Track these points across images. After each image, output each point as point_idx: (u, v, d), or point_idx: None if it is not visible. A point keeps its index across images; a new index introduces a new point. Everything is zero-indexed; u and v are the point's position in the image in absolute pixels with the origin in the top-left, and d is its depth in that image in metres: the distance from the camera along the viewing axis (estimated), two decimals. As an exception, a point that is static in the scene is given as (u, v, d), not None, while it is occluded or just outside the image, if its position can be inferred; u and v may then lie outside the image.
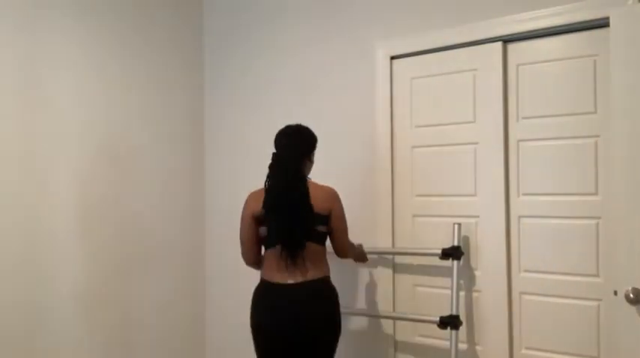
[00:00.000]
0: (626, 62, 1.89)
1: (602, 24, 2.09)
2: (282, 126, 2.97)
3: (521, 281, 2.33)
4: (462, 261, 2.36)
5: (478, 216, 2.42)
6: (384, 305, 2.62)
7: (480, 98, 2.42)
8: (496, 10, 2.34)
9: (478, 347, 2.42)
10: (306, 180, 2.16)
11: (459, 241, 2.34)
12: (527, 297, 2.31)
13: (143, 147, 2.95)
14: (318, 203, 2.11)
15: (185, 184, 3.19)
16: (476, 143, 2.43)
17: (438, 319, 2.31)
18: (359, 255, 2.48)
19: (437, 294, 2.50)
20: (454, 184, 2.49)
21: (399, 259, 2.62)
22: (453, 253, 2.34)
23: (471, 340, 2.44)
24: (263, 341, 2.15)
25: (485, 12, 2.37)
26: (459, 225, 2.36)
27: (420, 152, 2.59)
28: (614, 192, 1.99)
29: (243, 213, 2.24)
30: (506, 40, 2.35)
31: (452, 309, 2.30)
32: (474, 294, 2.43)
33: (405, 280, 2.59)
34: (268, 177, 2.16)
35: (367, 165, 2.69)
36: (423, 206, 2.57)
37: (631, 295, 1.84)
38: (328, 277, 2.21)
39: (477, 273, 2.42)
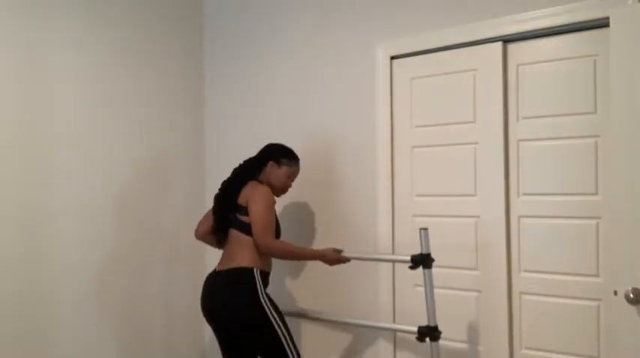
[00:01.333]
0: (626, 62, 1.89)
1: (602, 24, 2.09)
2: (282, 125, 3.00)
3: (521, 281, 2.33)
4: (432, 269, 2.21)
5: (478, 216, 2.42)
6: (384, 305, 2.62)
7: (480, 98, 2.42)
8: (496, 10, 2.34)
9: (478, 347, 2.42)
10: (240, 177, 2.39)
11: (427, 248, 2.20)
12: (527, 297, 2.31)
13: (143, 147, 2.95)
14: (242, 196, 2.31)
15: (185, 181, 3.19)
16: (476, 143, 2.43)
17: (416, 329, 2.21)
18: (330, 260, 2.36)
19: (438, 294, 2.50)
20: (454, 184, 2.49)
21: (399, 259, 2.62)
22: (422, 261, 2.19)
23: (471, 340, 2.44)
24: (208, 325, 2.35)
25: (486, 12, 2.37)
26: (426, 230, 2.21)
27: (420, 152, 2.59)
28: (614, 192, 1.98)
29: None
30: (506, 40, 2.35)
31: (429, 320, 2.20)
32: (474, 294, 2.43)
33: (405, 280, 2.59)
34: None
35: (367, 165, 2.69)
36: (423, 206, 2.57)
37: (631, 295, 1.84)
38: (246, 268, 2.22)
39: (477, 273, 2.42)
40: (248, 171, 2.41)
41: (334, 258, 2.35)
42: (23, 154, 2.43)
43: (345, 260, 2.37)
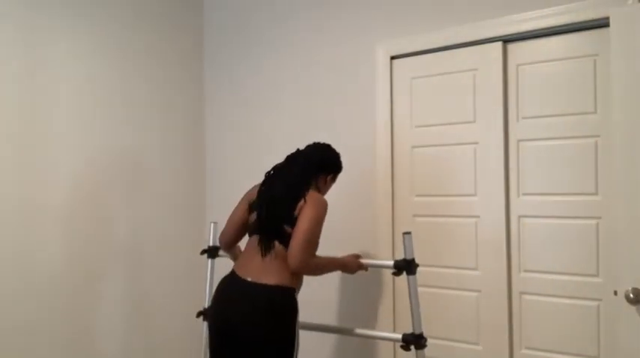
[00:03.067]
0: (626, 62, 1.89)
1: (602, 24, 2.09)
2: (282, 125, 3.00)
3: (521, 281, 2.33)
4: (416, 275, 2.08)
5: (478, 216, 2.42)
6: (385, 306, 2.62)
7: (480, 98, 2.42)
8: (496, 10, 2.34)
9: (478, 347, 2.42)
10: (303, 185, 2.04)
11: (411, 253, 2.06)
12: (527, 297, 2.31)
13: (144, 146, 2.95)
14: (300, 207, 1.97)
15: (186, 183, 3.19)
16: (476, 143, 2.43)
17: (400, 337, 2.07)
18: (352, 268, 2.17)
19: (438, 294, 2.50)
20: (454, 184, 2.49)
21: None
22: (406, 267, 2.05)
23: (471, 340, 2.43)
24: (208, 330, 2.09)
25: (486, 12, 2.37)
26: (409, 234, 2.08)
27: (420, 152, 2.59)
28: (614, 192, 1.98)
29: (244, 195, 2.19)
30: (506, 40, 2.35)
31: (414, 327, 2.06)
32: (474, 294, 2.43)
33: (405, 283, 2.58)
34: (272, 169, 2.14)
35: (367, 165, 2.69)
36: (423, 206, 2.57)
37: (631, 295, 1.84)
38: (287, 288, 1.95)
39: (477, 273, 2.42)
40: (309, 178, 2.07)
41: (355, 265, 2.15)
42: (20, 155, 2.43)
43: (365, 268, 2.18)
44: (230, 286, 2.02)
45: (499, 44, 2.36)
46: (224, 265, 2.30)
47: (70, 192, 2.60)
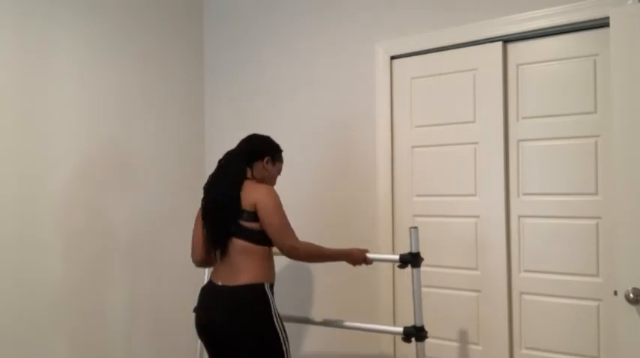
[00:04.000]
0: (626, 62, 1.89)
1: (602, 24, 2.09)
2: (280, 125, 3.00)
3: (521, 281, 2.33)
4: (421, 269, 2.10)
5: (478, 216, 2.42)
6: (384, 304, 2.62)
7: (480, 98, 2.42)
8: (496, 10, 2.34)
9: (478, 347, 2.42)
10: (235, 179, 2.08)
11: (417, 247, 2.09)
12: (527, 297, 2.31)
13: (144, 147, 2.95)
14: (245, 199, 2.02)
15: (185, 182, 3.19)
16: (476, 143, 2.43)
17: (401, 330, 2.09)
18: (356, 260, 2.18)
19: (438, 294, 2.50)
20: (454, 184, 2.48)
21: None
22: (412, 260, 2.08)
23: (471, 340, 2.44)
24: (200, 337, 2.15)
25: (486, 12, 2.37)
26: (416, 228, 2.10)
27: (420, 152, 2.59)
28: (614, 192, 1.99)
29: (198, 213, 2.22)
30: (506, 40, 2.35)
31: (415, 320, 2.08)
32: (474, 294, 2.43)
33: (405, 279, 2.59)
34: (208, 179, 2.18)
35: (367, 164, 2.69)
36: (423, 206, 2.57)
37: (631, 295, 1.84)
38: (257, 285, 2.00)
39: (477, 273, 2.42)
40: (241, 170, 2.11)
41: (360, 257, 2.16)
42: (22, 150, 2.43)
43: (370, 261, 2.18)
44: (206, 292, 2.12)
45: (499, 44, 2.36)
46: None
47: (68, 192, 2.59)
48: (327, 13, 2.85)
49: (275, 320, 2.00)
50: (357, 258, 2.16)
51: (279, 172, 2.26)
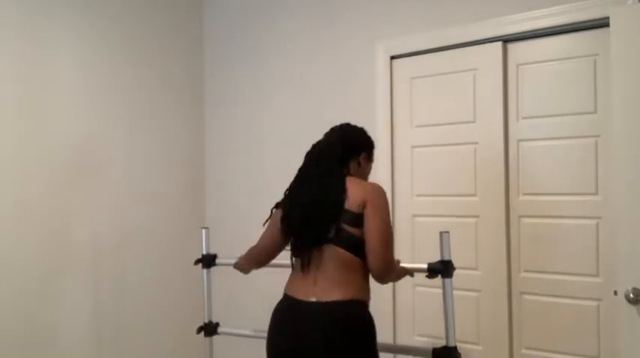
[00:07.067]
0: (626, 62, 1.89)
1: (602, 24, 2.09)
2: (281, 125, 2.99)
3: (521, 281, 2.33)
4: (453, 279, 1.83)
5: (478, 216, 2.42)
6: (384, 305, 2.62)
7: (479, 98, 2.42)
8: (496, 10, 2.34)
9: (478, 347, 2.42)
10: (338, 172, 1.74)
11: (448, 254, 1.80)
12: (527, 297, 2.31)
13: (143, 148, 2.95)
14: (352, 199, 1.65)
15: (186, 185, 3.19)
16: (476, 143, 2.43)
17: (430, 350, 1.86)
18: (400, 274, 1.87)
19: (437, 294, 2.49)
20: (454, 184, 2.48)
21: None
22: (442, 270, 1.80)
23: (471, 340, 2.43)
24: None
25: (486, 12, 2.37)
26: (447, 233, 1.81)
27: (420, 152, 2.59)
28: (614, 192, 1.98)
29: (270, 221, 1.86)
30: (506, 40, 2.35)
31: (447, 339, 1.83)
32: (474, 294, 2.43)
33: (405, 280, 2.58)
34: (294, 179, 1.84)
35: (367, 165, 2.68)
36: (423, 206, 2.57)
37: (631, 295, 1.83)
38: (360, 301, 1.66)
39: (477, 273, 2.42)
40: (344, 162, 1.77)
41: (405, 271, 1.87)
42: (22, 149, 2.43)
43: (412, 273, 1.90)
44: (292, 313, 1.68)
45: (499, 44, 2.36)
46: (220, 273, 2.29)
47: (66, 192, 2.60)
48: (327, 13, 2.85)
49: (377, 348, 1.67)
50: (406, 273, 1.88)
51: (369, 172, 1.92)
